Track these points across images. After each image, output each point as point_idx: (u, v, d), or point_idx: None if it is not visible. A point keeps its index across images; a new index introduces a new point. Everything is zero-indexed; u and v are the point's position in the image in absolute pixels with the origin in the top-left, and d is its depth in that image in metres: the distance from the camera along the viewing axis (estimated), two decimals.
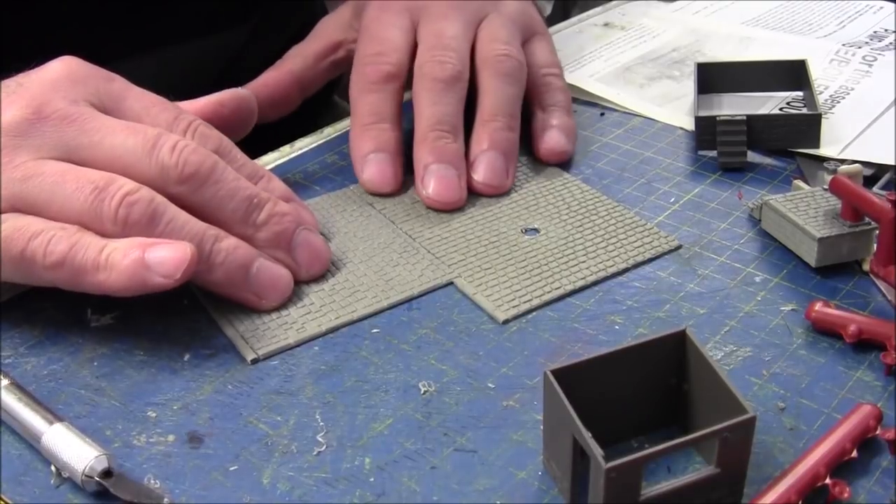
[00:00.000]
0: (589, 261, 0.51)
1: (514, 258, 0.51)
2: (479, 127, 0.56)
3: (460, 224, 0.54)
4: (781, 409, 0.42)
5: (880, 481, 0.38)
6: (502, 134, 0.56)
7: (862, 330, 0.44)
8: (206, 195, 0.46)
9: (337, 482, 0.39)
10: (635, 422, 0.40)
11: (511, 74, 0.58)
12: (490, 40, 0.59)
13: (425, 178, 0.54)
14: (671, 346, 0.39)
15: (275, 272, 0.48)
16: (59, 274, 0.44)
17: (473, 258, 0.51)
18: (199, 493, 0.39)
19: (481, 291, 0.49)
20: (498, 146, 0.56)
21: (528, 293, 0.49)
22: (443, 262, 0.51)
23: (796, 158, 0.59)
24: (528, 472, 0.39)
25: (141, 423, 0.42)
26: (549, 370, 0.37)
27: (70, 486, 0.39)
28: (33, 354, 0.46)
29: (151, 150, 0.45)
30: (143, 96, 0.49)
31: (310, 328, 0.47)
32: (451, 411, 0.42)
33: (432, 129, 0.55)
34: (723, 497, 0.37)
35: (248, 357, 0.45)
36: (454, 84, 0.56)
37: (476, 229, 0.53)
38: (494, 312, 0.48)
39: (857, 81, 0.68)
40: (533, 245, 0.52)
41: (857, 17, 0.78)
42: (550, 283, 0.49)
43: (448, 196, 0.54)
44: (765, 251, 0.52)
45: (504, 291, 0.49)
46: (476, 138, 0.56)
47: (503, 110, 0.57)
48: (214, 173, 0.46)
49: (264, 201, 0.48)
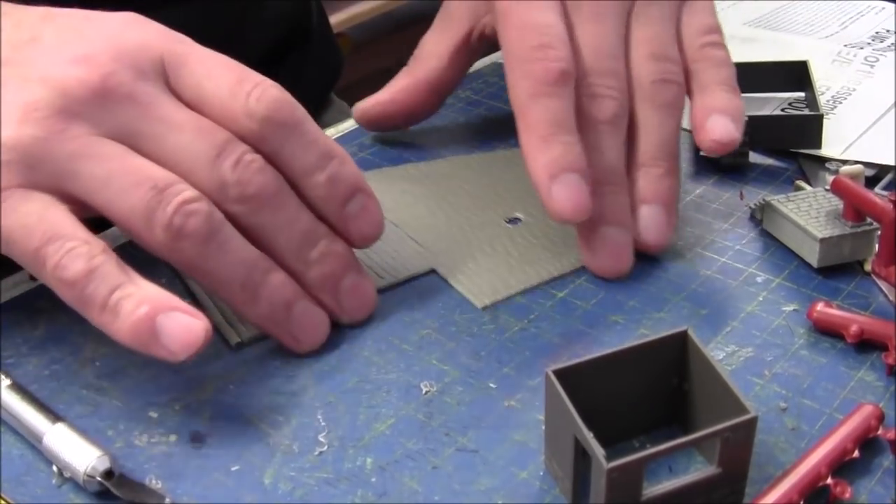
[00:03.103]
0: (568, 250, 0.51)
1: (496, 246, 0.51)
2: (639, 173, 0.50)
3: (445, 214, 0.54)
4: (783, 410, 0.42)
5: (882, 481, 0.38)
6: (665, 182, 0.50)
7: (863, 330, 0.44)
8: (263, 220, 0.43)
9: (338, 482, 0.39)
10: (637, 422, 0.40)
11: (674, 105, 0.51)
12: (647, 55, 0.51)
13: (597, 243, 0.49)
14: (673, 347, 0.39)
15: (316, 317, 0.45)
16: (63, 291, 0.41)
17: (456, 246, 0.51)
18: (201, 493, 0.39)
19: (461, 278, 0.49)
20: (661, 198, 0.50)
21: (508, 280, 0.49)
22: (427, 251, 0.51)
23: (798, 159, 0.59)
24: (529, 472, 0.39)
25: (143, 423, 0.42)
26: (551, 370, 0.37)
27: (72, 486, 0.39)
28: (35, 354, 0.46)
29: (215, 159, 0.42)
30: (206, 58, 0.44)
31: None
32: (453, 411, 0.42)
33: (601, 183, 0.48)
34: (724, 497, 0.37)
35: (233, 341, 0.45)
36: (619, 124, 0.49)
37: (460, 219, 0.53)
38: (473, 298, 0.48)
39: (859, 82, 0.68)
40: (514, 234, 0.52)
41: (858, 17, 0.78)
42: (529, 272, 0.49)
43: (620, 266, 0.49)
44: (766, 251, 0.52)
45: (484, 278, 0.49)
46: (637, 187, 0.50)
47: (665, 152, 0.50)
48: (276, 199, 0.43)
49: (320, 237, 0.45)
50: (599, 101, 0.49)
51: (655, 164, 0.50)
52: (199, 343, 0.39)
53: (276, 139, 0.43)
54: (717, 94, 0.51)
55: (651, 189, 0.50)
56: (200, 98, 0.44)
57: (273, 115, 0.43)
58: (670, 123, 0.51)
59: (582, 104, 0.49)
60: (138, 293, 0.40)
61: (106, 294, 0.39)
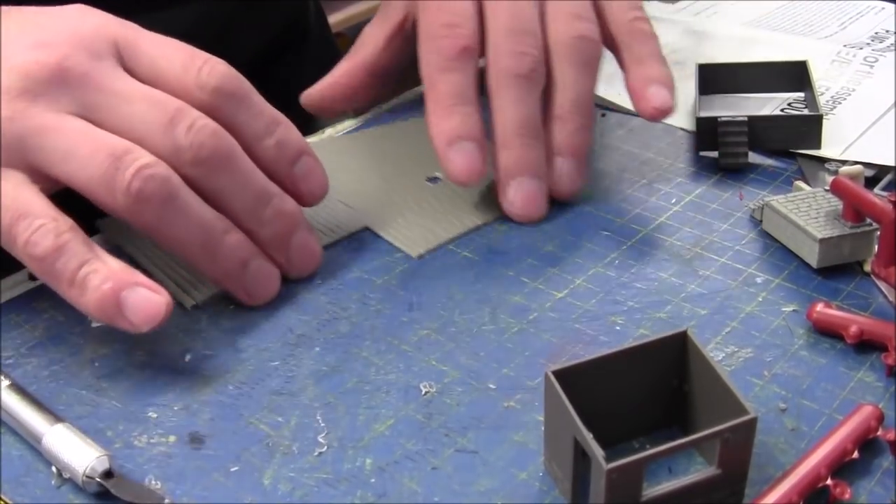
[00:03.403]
0: (486, 202, 0.55)
1: (421, 203, 0.55)
2: (554, 126, 0.54)
3: (371, 179, 0.58)
4: (783, 410, 0.42)
5: (881, 482, 0.38)
6: (579, 136, 0.54)
7: (863, 331, 0.44)
8: (219, 182, 0.45)
9: (338, 483, 0.39)
10: (636, 422, 0.40)
11: (589, 63, 0.54)
12: (564, 16, 0.54)
13: (511, 190, 0.53)
14: (672, 347, 0.39)
15: (269, 273, 0.48)
16: (34, 266, 0.43)
17: (384, 206, 0.55)
18: (200, 493, 0.39)
19: (393, 233, 0.53)
20: (575, 151, 0.54)
21: (436, 231, 0.53)
22: (358, 211, 0.55)
23: (797, 159, 0.59)
24: (529, 472, 0.39)
25: (142, 424, 0.42)
26: (551, 371, 0.37)
27: (71, 486, 0.39)
28: (34, 355, 0.46)
29: (169, 125, 0.44)
30: (157, 40, 0.48)
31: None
32: (453, 412, 0.42)
33: (517, 135, 0.52)
34: (724, 498, 0.37)
35: (188, 304, 0.48)
36: (536, 79, 0.53)
37: (384, 182, 0.57)
38: (407, 249, 0.52)
39: (859, 82, 0.68)
40: (436, 191, 0.56)
41: (858, 18, 0.78)
42: (455, 222, 0.54)
43: (534, 212, 0.54)
44: (766, 252, 0.52)
45: (414, 231, 0.53)
46: (552, 140, 0.54)
47: (580, 107, 0.54)
48: (230, 161, 0.45)
49: (272, 196, 0.47)
50: (518, 58, 0.52)
51: (570, 118, 0.54)
52: (161, 316, 0.42)
53: (227, 108, 0.46)
54: (654, 66, 0.55)
55: (565, 142, 0.54)
56: (154, 75, 0.46)
57: (224, 86, 0.46)
58: (586, 80, 0.54)
59: (501, 62, 0.53)
60: (104, 269, 0.42)
61: (74, 269, 0.42)
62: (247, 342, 0.46)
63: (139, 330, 0.42)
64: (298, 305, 0.49)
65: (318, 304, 0.49)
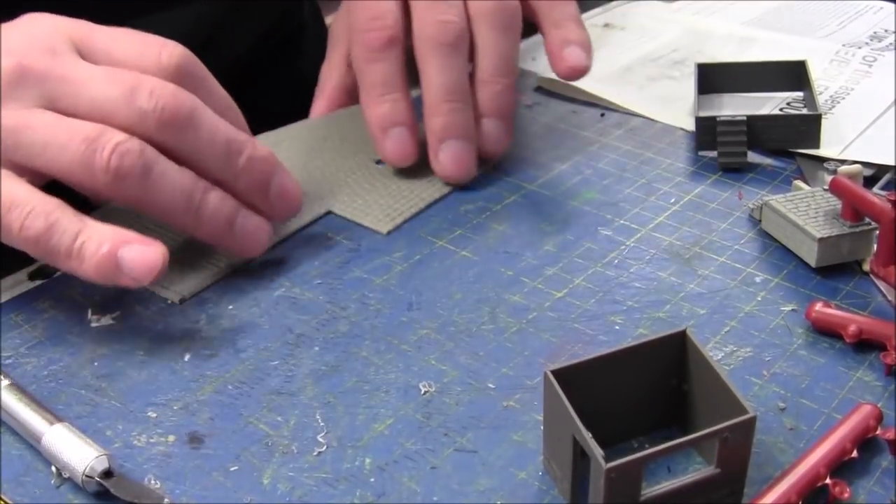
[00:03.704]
0: (434, 178, 0.57)
1: (374, 183, 0.57)
2: (480, 88, 0.56)
3: (322, 165, 0.59)
4: (782, 410, 0.42)
5: (880, 481, 0.38)
6: (504, 97, 0.56)
7: (862, 330, 0.44)
8: (187, 141, 0.46)
9: (337, 482, 0.39)
10: (635, 422, 0.40)
11: (510, 27, 0.57)
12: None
13: (441, 153, 0.56)
14: (671, 347, 0.39)
15: (256, 224, 0.49)
16: (33, 249, 0.45)
17: (341, 188, 0.57)
18: (200, 493, 0.39)
19: (358, 213, 0.55)
20: (500, 112, 0.57)
21: (398, 208, 0.55)
22: (317, 197, 0.56)
23: (796, 159, 0.59)
24: (528, 472, 0.39)
25: (141, 424, 0.42)
26: (550, 370, 0.37)
27: (70, 486, 0.39)
28: (33, 355, 0.46)
29: (130, 96, 0.45)
30: (111, 31, 0.49)
31: (223, 267, 0.51)
32: (452, 412, 0.42)
33: (445, 100, 0.55)
34: (723, 497, 0.37)
35: (176, 299, 0.49)
36: (460, 46, 0.55)
37: (335, 167, 0.59)
38: (376, 226, 0.54)
39: (858, 82, 0.68)
40: (385, 171, 0.58)
41: (857, 17, 0.78)
42: (412, 198, 0.56)
43: (463, 172, 0.56)
44: (765, 251, 0.52)
45: (376, 210, 0.55)
46: (478, 102, 0.56)
47: (503, 69, 0.56)
48: (194, 117, 0.46)
49: (243, 145, 0.48)
50: (441, 27, 0.55)
51: (494, 80, 0.56)
52: (158, 267, 0.44)
53: (187, 87, 0.47)
54: (571, 28, 0.58)
55: (490, 104, 0.56)
56: (112, 63, 0.48)
57: (183, 65, 0.48)
58: (507, 43, 0.56)
59: (426, 32, 0.55)
60: (97, 235, 0.44)
61: (69, 243, 0.44)
62: (246, 342, 0.46)
63: (142, 283, 0.44)
64: (298, 305, 0.49)
65: (317, 304, 0.49)
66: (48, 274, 0.51)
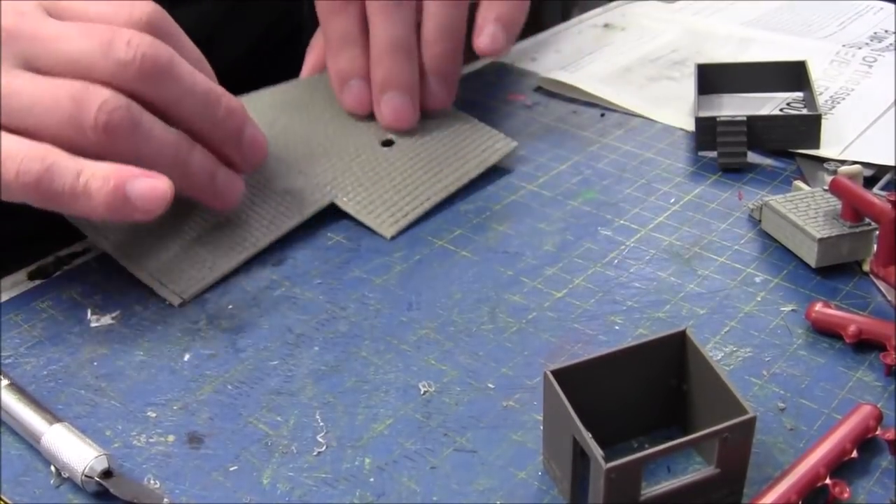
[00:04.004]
0: (445, 169, 0.57)
1: (379, 171, 0.56)
2: (424, 49, 0.58)
3: (323, 141, 0.58)
4: (781, 410, 0.42)
5: (880, 481, 0.38)
6: (447, 60, 0.58)
7: (862, 330, 0.44)
8: (167, 91, 0.46)
9: (337, 482, 0.39)
10: (635, 422, 0.40)
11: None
12: None
13: (383, 104, 0.58)
14: (671, 347, 0.39)
15: (233, 178, 0.50)
16: (33, 196, 0.44)
17: (343, 175, 0.56)
18: (199, 493, 0.39)
19: (361, 210, 0.54)
20: (443, 73, 0.59)
21: (403, 207, 0.55)
22: (318, 183, 0.55)
23: (796, 159, 0.59)
24: (528, 472, 0.39)
25: (141, 424, 0.42)
26: (549, 370, 0.37)
27: (70, 486, 0.39)
28: (33, 355, 0.46)
29: (107, 48, 0.45)
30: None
31: (221, 265, 0.50)
32: (451, 411, 0.42)
33: (387, 53, 0.57)
34: (723, 497, 0.37)
35: (175, 302, 0.48)
36: (406, 6, 0.57)
37: (338, 146, 0.58)
38: (380, 229, 0.53)
39: (858, 82, 0.68)
40: (391, 158, 0.57)
41: (857, 17, 0.78)
42: (420, 197, 0.55)
43: (404, 123, 0.58)
44: (765, 252, 0.52)
45: (381, 208, 0.54)
46: (424, 62, 0.58)
47: (447, 33, 0.58)
48: (173, 66, 0.46)
49: (219, 95, 0.49)
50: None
51: (436, 43, 0.58)
52: (168, 197, 0.45)
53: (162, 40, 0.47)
54: (501, 6, 0.59)
55: (432, 64, 0.58)
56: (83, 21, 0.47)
57: (154, 20, 0.48)
58: (452, 10, 0.58)
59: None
60: (100, 171, 0.44)
61: (72, 181, 0.44)
62: (246, 342, 0.46)
63: (152, 215, 0.44)
64: (297, 305, 0.49)
65: (317, 304, 0.49)
66: (48, 273, 0.51)
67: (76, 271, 0.51)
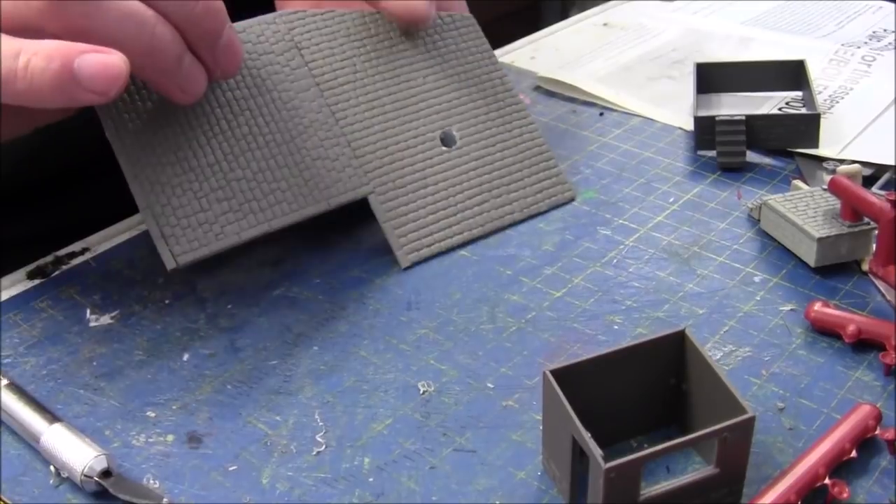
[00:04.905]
0: (493, 200, 0.54)
1: (428, 178, 0.53)
2: None
3: (381, 110, 0.53)
4: (781, 409, 0.42)
5: (879, 481, 0.38)
6: None
7: (861, 330, 0.44)
8: None
9: (336, 482, 0.39)
10: (634, 422, 0.40)
11: None
12: None
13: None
14: (670, 346, 0.39)
15: (198, 69, 0.46)
16: None
17: (390, 166, 0.52)
18: (199, 493, 0.39)
19: (392, 221, 0.51)
20: None
21: (434, 234, 0.52)
22: (360, 169, 0.51)
23: (795, 158, 0.59)
24: (527, 472, 0.39)
25: (140, 423, 0.42)
26: (549, 370, 0.37)
27: (69, 486, 0.39)
28: (32, 354, 0.46)
29: None
30: None
31: (228, 233, 0.47)
32: (451, 411, 0.42)
33: None
34: (722, 497, 0.37)
35: (169, 266, 0.45)
36: None
37: (395, 124, 0.53)
38: (399, 255, 0.51)
39: (856, 81, 0.68)
40: (447, 163, 0.54)
41: (856, 17, 0.78)
42: (455, 226, 0.52)
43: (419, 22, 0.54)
44: (764, 251, 0.52)
45: (411, 225, 0.51)
46: None
47: None
48: None
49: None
50: None
51: None
52: (123, 75, 0.40)
53: None
54: None
55: None
56: None
57: None
58: None
59: None
60: (43, 49, 0.40)
61: (10, 64, 0.39)
62: (245, 341, 0.46)
63: (106, 97, 0.40)
64: (297, 304, 0.49)
65: (316, 304, 0.49)
66: (47, 273, 0.51)
67: (75, 271, 0.51)
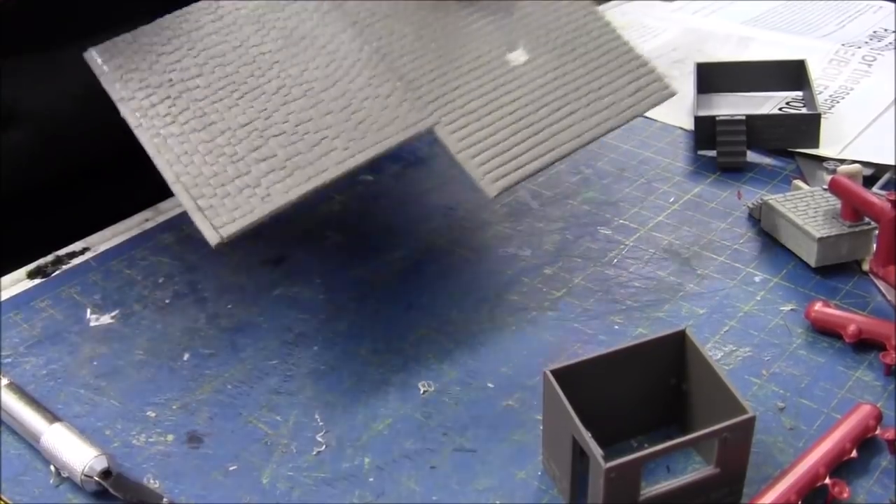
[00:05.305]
0: (582, 109, 0.45)
1: (499, 99, 0.45)
2: None
3: (432, 37, 0.45)
4: (781, 409, 0.42)
5: (880, 481, 0.38)
6: None
7: (861, 330, 0.44)
8: None
9: (336, 482, 0.39)
10: (635, 422, 0.40)
11: None
12: None
13: None
14: (671, 346, 0.39)
15: None
16: None
17: (454, 93, 0.44)
18: (199, 492, 0.39)
19: (467, 150, 0.43)
20: None
21: (519, 157, 0.43)
22: (420, 99, 0.43)
23: (796, 158, 0.59)
24: (527, 471, 0.39)
25: (140, 423, 0.42)
26: (549, 370, 0.37)
27: (69, 485, 0.39)
28: (32, 354, 0.46)
29: None
30: None
31: (276, 194, 0.40)
32: (451, 411, 0.42)
33: None
34: (722, 497, 0.37)
35: (213, 241, 0.39)
36: None
37: (450, 49, 0.45)
38: (483, 186, 0.43)
39: (857, 81, 0.68)
40: (519, 79, 0.45)
41: (856, 16, 0.78)
42: (543, 143, 0.44)
43: None
44: (764, 251, 0.52)
45: (490, 151, 0.43)
46: None
47: None
48: None
49: None
50: None
51: None
52: None
53: None
54: None
55: None
56: None
57: None
58: None
59: None
60: None
61: None
62: (245, 341, 0.46)
63: None
64: (297, 304, 0.49)
65: (316, 303, 0.49)
66: (47, 273, 0.51)
67: (75, 270, 0.51)
